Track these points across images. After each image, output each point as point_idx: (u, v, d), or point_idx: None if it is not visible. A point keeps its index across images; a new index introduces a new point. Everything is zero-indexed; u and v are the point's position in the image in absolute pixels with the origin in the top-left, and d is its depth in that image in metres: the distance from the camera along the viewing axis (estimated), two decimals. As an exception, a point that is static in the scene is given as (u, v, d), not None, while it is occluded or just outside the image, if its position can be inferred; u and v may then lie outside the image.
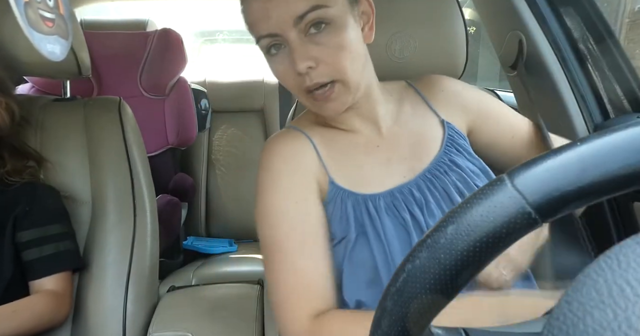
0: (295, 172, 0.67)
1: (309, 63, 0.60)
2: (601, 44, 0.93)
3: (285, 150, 0.69)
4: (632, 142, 0.26)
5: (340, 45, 0.61)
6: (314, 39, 0.60)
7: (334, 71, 0.61)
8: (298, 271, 0.61)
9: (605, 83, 0.95)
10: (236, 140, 2.03)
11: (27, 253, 0.81)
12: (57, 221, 0.85)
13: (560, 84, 0.96)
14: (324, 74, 0.61)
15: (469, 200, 0.28)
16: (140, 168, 0.94)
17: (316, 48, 0.60)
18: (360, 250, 0.64)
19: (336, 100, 0.64)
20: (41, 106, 0.96)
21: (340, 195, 0.67)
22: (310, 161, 0.68)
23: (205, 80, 2.08)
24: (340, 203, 0.66)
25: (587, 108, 0.95)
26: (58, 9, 0.75)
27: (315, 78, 0.61)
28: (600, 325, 0.18)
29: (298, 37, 0.59)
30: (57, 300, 0.79)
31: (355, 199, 0.66)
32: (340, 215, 0.66)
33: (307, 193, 0.66)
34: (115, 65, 1.71)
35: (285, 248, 0.62)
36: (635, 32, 2.44)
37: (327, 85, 0.62)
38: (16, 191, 0.83)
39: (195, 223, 1.98)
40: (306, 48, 0.60)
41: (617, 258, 0.20)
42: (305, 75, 0.61)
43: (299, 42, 0.60)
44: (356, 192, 0.67)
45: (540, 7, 0.95)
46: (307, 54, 0.60)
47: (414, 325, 0.28)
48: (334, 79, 0.62)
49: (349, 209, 0.66)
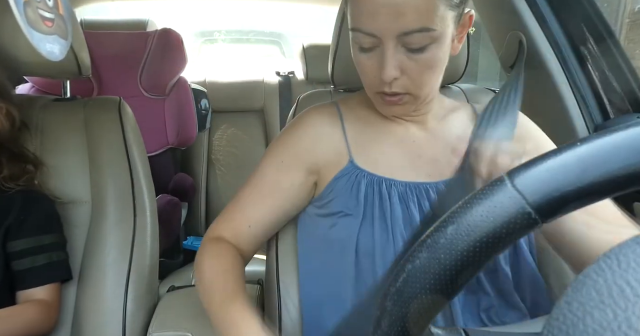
0: (302, 143, 0.73)
1: (397, 74, 0.60)
2: (601, 44, 0.93)
3: (309, 123, 0.74)
4: (632, 142, 0.26)
5: (431, 64, 0.61)
6: (409, 53, 0.60)
7: (413, 86, 0.62)
8: (242, 206, 0.74)
9: (605, 83, 0.95)
10: (236, 140, 2.03)
11: (19, 262, 0.79)
12: (51, 231, 0.84)
13: (560, 84, 0.96)
14: (404, 86, 0.62)
15: (469, 200, 0.28)
16: (140, 168, 0.93)
17: (408, 62, 0.60)
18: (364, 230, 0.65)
19: (402, 107, 0.67)
20: (41, 106, 0.96)
21: (355, 173, 0.69)
22: (328, 140, 0.72)
23: (205, 80, 2.07)
24: (355, 179, 0.68)
25: (587, 108, 0.95)
26: (57, 9, 0.75)
27: (395, 87, 0.62)
28: (600, 325, 0.18)
29: (395, 47, 0.59)
30: (48, 310, 0.79)
31: (370, 179, 0.68)
32: (351, 190, 0.68)
33: (296, 160, 0.72)
34: (115, 65, 1.71)
35: (249, 185, 0.75)
36: (635, 32, 2.44)
37: (401, 95, 0.63)
38: (10, 198, 0.81)
39: (195, 223, 1.98)
40: (399, 58, 0.60)
41: (617, 259, 0.20)
42: (388, 83, 0.62)
43: (394, 51, 0.59)
44: (374, 173, 0.68)
45: (540, 7, 0.95)
46: (398, 64, 0.60)
47: (413, 325, 0.28)
48: (410, 91, 0.63)
49: (362, 187, 0.67)
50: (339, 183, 0.69)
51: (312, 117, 0.75)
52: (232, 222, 0.74)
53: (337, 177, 0.70)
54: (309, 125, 0.74)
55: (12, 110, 0.84)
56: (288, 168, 0.72)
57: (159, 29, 1.75)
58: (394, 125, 0.73)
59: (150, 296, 0.91)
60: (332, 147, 0.72)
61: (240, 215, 0.74)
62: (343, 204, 0.68)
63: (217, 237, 0.74)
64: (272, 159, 0.74)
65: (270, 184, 0.73)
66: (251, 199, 0.74)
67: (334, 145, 0.72)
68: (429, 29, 0.57)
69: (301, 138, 0.73)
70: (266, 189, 0.73)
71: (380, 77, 0.61)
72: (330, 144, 0.72)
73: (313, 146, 0.72)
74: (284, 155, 0.73)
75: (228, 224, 0.75)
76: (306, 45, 1.99)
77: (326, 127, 0.73)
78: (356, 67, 0.66)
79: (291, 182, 0.72)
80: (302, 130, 0.74)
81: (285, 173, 0.73)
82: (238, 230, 0.74)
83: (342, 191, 0.68)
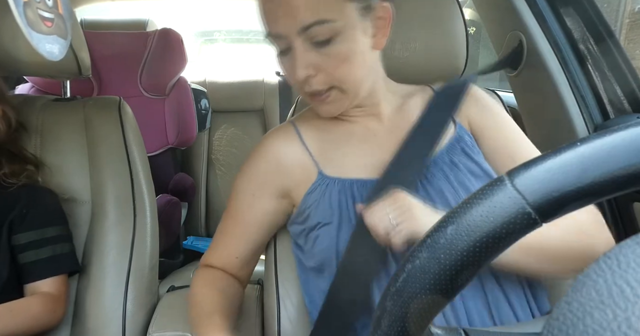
0: (265, 171, 0.73)
1: (309, 72, 0.61)
2: (601, 44, 0.93)
3: (266, 150, 0.74)
4: (632, 142, 0.26)
5: (344, 57, 0.61)
6: (318, 49, 0.60)
7: (332, 80, 0.63)
8: (225, 240, 0.78)
9: (605, 83, 0.95)
10: (236, 140, 2.03)
11: (24, 256, 0.80)
12: (55, 223, 0.84)
13: (560, 84, 0.96)
14: (323, 81, 0.63)
15: (469, 200, 0.28)
16: (140, 168, 0.93)
17: (318, 57, 0.61)
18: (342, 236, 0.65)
19: (332, 104, 0.66)
20: (41, 106, 0.96)
21: (326, 183, 0.69)
22: (291, 160, 0.72)
23: (205, 80, 2.07)
24: (326, 189, 0.68)
25: (587, 108, 0.95)
26: (57, 9, 0.75)
27: (314, 85, 0.63)
28: (600, 325, 0.18)
29: (302, 45, 0.60)
30: (54, 303, 0.79)
31: (342, 185, 0.68)
32: (324, 200, 0.68)
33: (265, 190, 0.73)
34: (116, 65, 1.71)
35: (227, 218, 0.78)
36: (635, 32, 2.44)
37: (325, 92, 0.64)
38: (13, 193, 0.82)
39: (195, 223, 1.98)
40: (308, 56, 0.60)
41: (617, 259, 0.20)
42: (304, 81, 0.62)
43: (302, 50, 0.60)
44: (344, 178, 0.68)
45: (540, 7, 0.95)
46: (308, 62, 0.61)
47: (413, 325, 0.28)
48: (331, 85, 0.63)
49: (334, 195, 0.67)
50: (312, 197, 0.69)
51: (269, 143, 0.75)
52: (220, 254, 0.79)
53: (309, 191, 0.70)
54: (269, 152, 0.74)
55: (9, 111, 0.84)
56: (260, 200, 0.74)
57: (159, 29, 1.75)
58: (351, 126, 0.72)
59: (150, 296, 0.91)
60: (297, 166, 0.72)
61: (225, 248, 0.78)
62: (320, 215, 0.68)
63: (208, 264, 0.80)
64: (242, 195, 0.75)
65: (247, 218, 0.75)
66: (232, 233, 0.77)
67: (298, 164, 0.72)
68: (326, 21, 0.58)
69: (264, 167, 0.73)
70: (244, 223, 0.76)
71: (295, 77, 0.62)
72: (295, 163, 0.72)
73: (278, 171, 0.72)
74: (252, 188, 0.74)
75: (218, 255, 0.79)
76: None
77: (286, 148, 0.73)
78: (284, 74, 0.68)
79: (266, 211, 0.74)
80: (263, 159, 0.74)
81: (258, 205, 0.74)
82: (226, 260, 0.78)
83: (316, 203, 0.68)
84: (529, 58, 0.96)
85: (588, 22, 0.93)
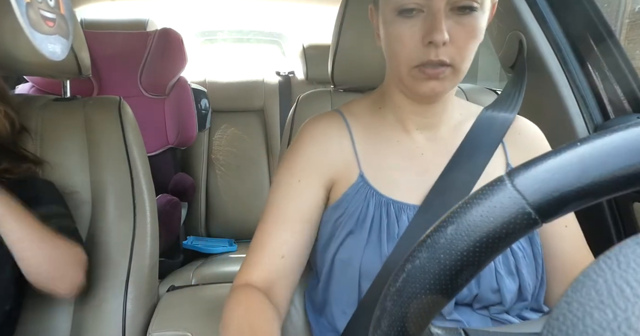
0: (314, 157, 0.69)
1: (447, 38, 0.57)
2: (601, 44, 0.92)
3: (316, 135, 0.70)
4: (632, 142, 0.26)
5: (475, 32, 0.59)
6: (458, 18, 0.58)
7: (458, 55, 0.59)
8: (268, 239, 0.67)
9: (605, 83, 0.95)
10: (236, 140, 2.03)
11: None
12: (56, 203, 0.82)
13: (560, 84, 0.96)
14: (450, 54, 0.59)
15: (469, 200, 0.28)
16: (140, 168, 0.93)
17: (456, 27, 0.58)
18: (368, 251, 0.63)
19: (442, 81, 0.61)
20: (41, 106, 0.96)
21: (365, 192, 0.66)
22: (338, 151, 0.69)
23: (205, 80, 2.08)
24: (364, 200, 0.65)
25: (587, 108, 0.95)
26: (59, 9, 0.75)
27: (442, 55, 0.58)
28: (600, 325, 0.18)
29: (446, 10, 0.57)
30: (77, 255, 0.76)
31: (379, 200, 0.65)
32: (360, 211, 0.65)
33: (313, 178, 0.68)
34: (116, 65, 1.71)
35: (270, 215, 0.68)
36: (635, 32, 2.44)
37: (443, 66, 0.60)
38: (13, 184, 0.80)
39: (195, 223, 1.98)
40: (448, 24, 0.58)
41: (617, 259, 0.20)
42: (435, 48, 0.58)
43: (444, 15, 0.57)
44: (382, 194, 0.66)
45: (540, 7, 0.95)
46: (447, 29, 0.58)
47: (413, 325, 0.28)
48: (453, 63, 0.60)
49: (370, 208, 0.65)
50: (349, 201, 0.66)
51: (319, 128, 0.71)
52: (261, 261, 0.66)
53: (347, 193, 0.67)
54: (319, 136, 0.70)
55: (10, 111, 0.84)
56: (306, 187, 0.68)
57: (159, 29, 1.76)
58: (402, 135, 0.69)
59: (150, 296, 0.91)
60: (341, 160, 0.68)
61: (268, 249, 0.66)
62: (351, 224, 0.65)
63: (245, 283, 0.65)
64: (286, 183, 0.69)
65: (292, 208, 0.68)
66: (277, 228, 0.67)
67: (343, 158, 0.68)
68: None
69: (313, 152, 0.69)
70: (288, 214, 0.67)
71: (433, 39, 0.57)
72: (340, 156, 0.68)
73: (325, 157, 0.68)
74: (298, 174, 0.68)
75: (256, 266, 0.66)
76: (306, 45, 1.99)
77: (335, 137, 0.70)
78: (388, 41, 0.62)
79: (311, 202, 0.68)
80: (312, 143, 0.70)
81: (304, 193, 0.68)
82: (271, 267, 0.66)
83: (351, 211, 0.65)
84: (529, 58, 0.96)
85: (588, 22, 0.93)
